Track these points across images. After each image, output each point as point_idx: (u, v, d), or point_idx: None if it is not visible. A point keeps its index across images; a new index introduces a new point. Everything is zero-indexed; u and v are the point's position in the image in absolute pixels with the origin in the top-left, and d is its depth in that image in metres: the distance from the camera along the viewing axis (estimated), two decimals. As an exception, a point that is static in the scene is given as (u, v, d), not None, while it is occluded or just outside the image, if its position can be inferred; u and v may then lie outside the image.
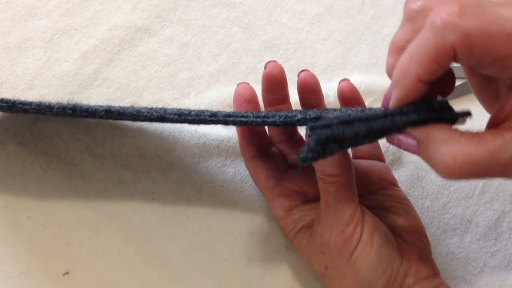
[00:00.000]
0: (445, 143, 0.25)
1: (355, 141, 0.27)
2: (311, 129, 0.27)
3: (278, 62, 0.35)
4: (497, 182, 0.43)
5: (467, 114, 0.28)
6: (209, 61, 0.43)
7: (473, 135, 0.25)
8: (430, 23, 0.25)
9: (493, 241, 0.41)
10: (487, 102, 0.30)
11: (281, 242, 0.38)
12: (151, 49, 0.42)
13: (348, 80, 0.36)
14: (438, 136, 0.25)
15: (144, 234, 0.37)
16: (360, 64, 0.45)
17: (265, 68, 0.34)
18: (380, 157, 0.39)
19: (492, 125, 0.26)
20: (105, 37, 0.41)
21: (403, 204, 0.36)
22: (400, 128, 0.27)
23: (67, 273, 0.35)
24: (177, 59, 0.42)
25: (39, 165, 0.37)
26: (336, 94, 0.42)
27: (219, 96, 0.41)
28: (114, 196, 0.37)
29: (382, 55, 0.46)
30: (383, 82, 0.44)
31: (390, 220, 0.35)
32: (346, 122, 0.27)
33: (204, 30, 0.43)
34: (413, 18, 0.27)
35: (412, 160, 0.42)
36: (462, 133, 0.25)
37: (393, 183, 0.37)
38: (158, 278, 0.36)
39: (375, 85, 0.44)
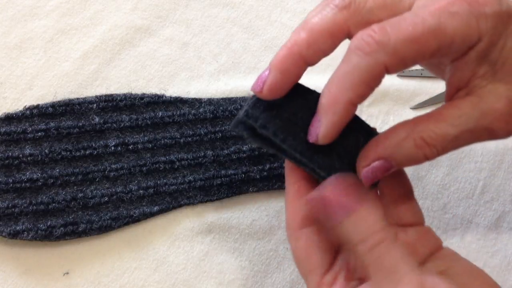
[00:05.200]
0: (411, 132, 0.25)
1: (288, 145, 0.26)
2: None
3: None
4: (497, 182, 0.42)
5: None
6: (209, 61, 0.43)
7: (429, 115, 0.25)
8: (355, 48, 0.24)
9: (493, 241, 0.41)
10: (444, 77, 0.30)
11: (281, 242, 0.38)
12: (151, 49, 0.42)
13: None
14: (401, 131, 0.25)
15: (144, 235, 0.37)
16: (360, 64, 0.45)
17: None
18: (421, 222, 0.29)
19: (448, 98, 0.27)
20: (105, 37, 0.41)
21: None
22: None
23: (67, 273, 0.35)
24: (177, 59, 0.42)
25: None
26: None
27: (219, 96, 0.41)
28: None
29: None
30: (383, 81, 0.44)
31: None
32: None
33: (204, 30, 0.43)
34: (345, 8, 0.26)
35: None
36: (419, 118, 0.25)
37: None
38: (158, 279, 0.36)
39: (375, 85, 0.44)
